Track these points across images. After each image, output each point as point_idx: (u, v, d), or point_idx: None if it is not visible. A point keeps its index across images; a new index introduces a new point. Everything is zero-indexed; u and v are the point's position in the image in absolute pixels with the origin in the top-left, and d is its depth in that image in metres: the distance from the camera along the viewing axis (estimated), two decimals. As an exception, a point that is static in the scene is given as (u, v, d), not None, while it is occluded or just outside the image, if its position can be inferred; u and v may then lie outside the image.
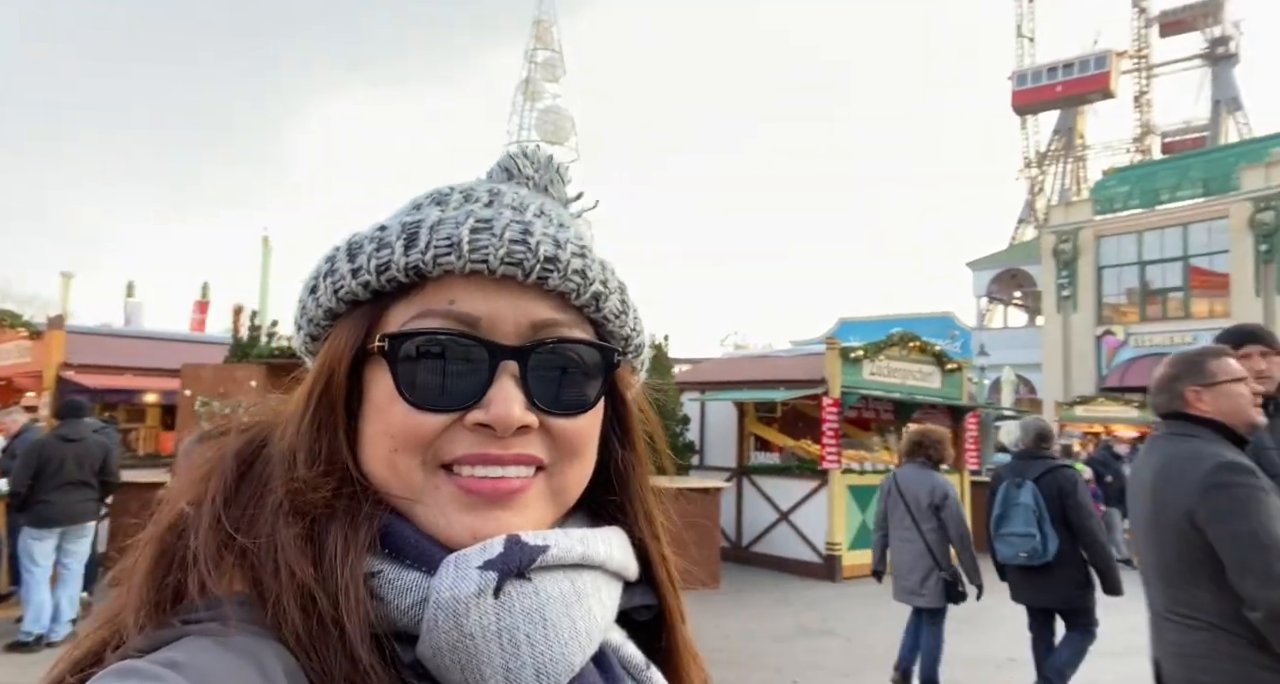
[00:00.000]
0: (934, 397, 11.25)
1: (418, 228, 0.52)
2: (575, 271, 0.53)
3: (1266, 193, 22.03)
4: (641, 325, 0.61)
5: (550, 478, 0.53)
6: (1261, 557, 2.10)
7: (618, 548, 0.55)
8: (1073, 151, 43.79)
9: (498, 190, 0.58)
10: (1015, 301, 37.72)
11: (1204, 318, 23.14)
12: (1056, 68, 41.16)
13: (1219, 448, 2.28)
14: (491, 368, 0.50)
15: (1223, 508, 2.19)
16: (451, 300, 0.51)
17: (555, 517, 0.55)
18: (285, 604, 0.44)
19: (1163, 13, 42.59)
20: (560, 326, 0.53)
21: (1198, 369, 2.37)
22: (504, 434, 0.50)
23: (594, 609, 0.50)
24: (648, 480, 0.62)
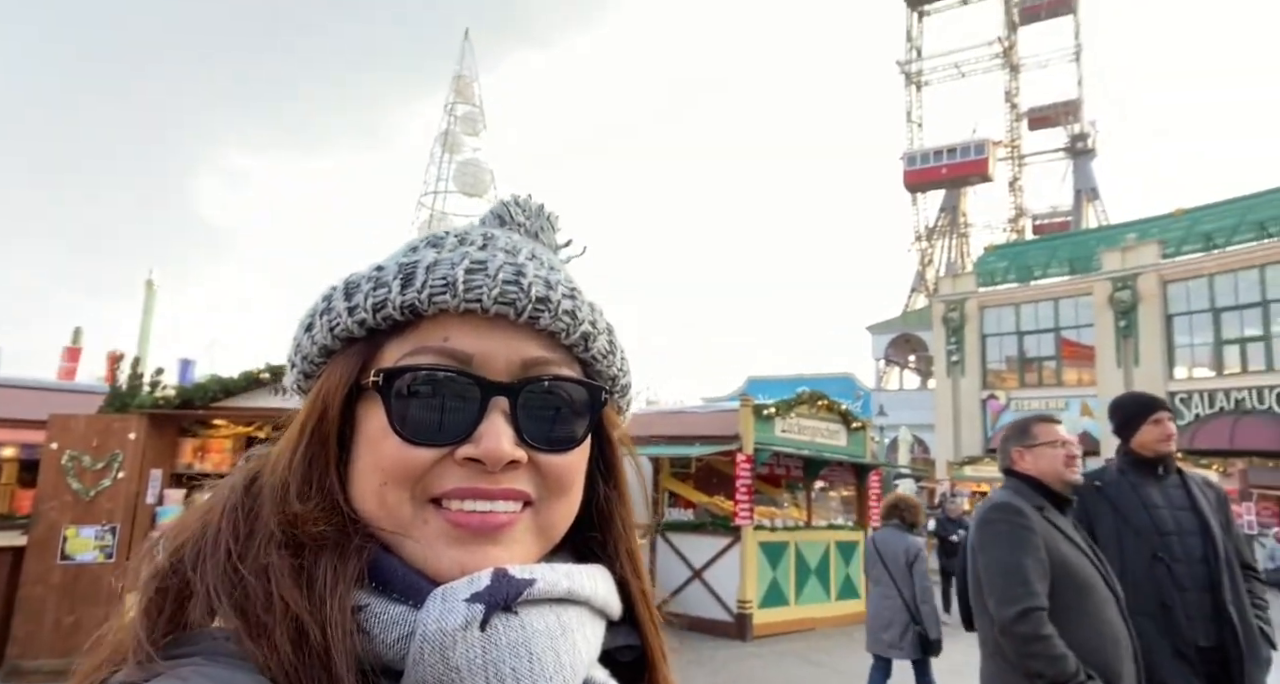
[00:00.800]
0: (840, 454, 11.61)
1: (414, 268, 0.53)
2: (566, 312, 0.55)
3: (1123, 274, 24.54)
4: (628, 366, 0.63)
5: (537, 514, 0.54)
6: (1003, 580, 2.37)
7: (602, 585, 0.56)
8: (957, 228, 47.63)
9: (492, 235, 0.60)
10: (910, 365, 39.95)
11: (1074, 386, 25.19)
12: (942, 152, 45.02)
13: (1015, 496, 2.55)
14: (483, 404, 0.51)
15: (985, 540, 2.50)
16: (445, 338, 0.52)
17: (541, 552, 0.55)
18: (274, 636, 0.44)
19: (1031, 109, 47.66)
20: (550, 365, 0.54)
21: (1024, 432, 2.65)
22: (494, 469, 0.50)
23: (579, 644, 0.50)
24: (631, 519, 0.62)
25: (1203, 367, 23.24)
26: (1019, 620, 2.30)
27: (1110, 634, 2.33)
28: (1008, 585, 2.36)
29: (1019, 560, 2.37)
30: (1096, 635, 2.32)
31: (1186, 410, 22.80)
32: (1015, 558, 2.38)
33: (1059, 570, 2.37)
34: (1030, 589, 2.33)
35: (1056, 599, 2.34)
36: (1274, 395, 21.09)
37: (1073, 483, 2.53)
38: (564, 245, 0.67)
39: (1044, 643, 2.26)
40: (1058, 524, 2.48)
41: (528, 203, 0.67)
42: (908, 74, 48.22)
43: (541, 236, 0.65)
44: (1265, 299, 21.82)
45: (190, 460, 7.21)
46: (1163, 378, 23.30)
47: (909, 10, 47.47)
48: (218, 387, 7.01)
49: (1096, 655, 2.28)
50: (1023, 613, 2.30)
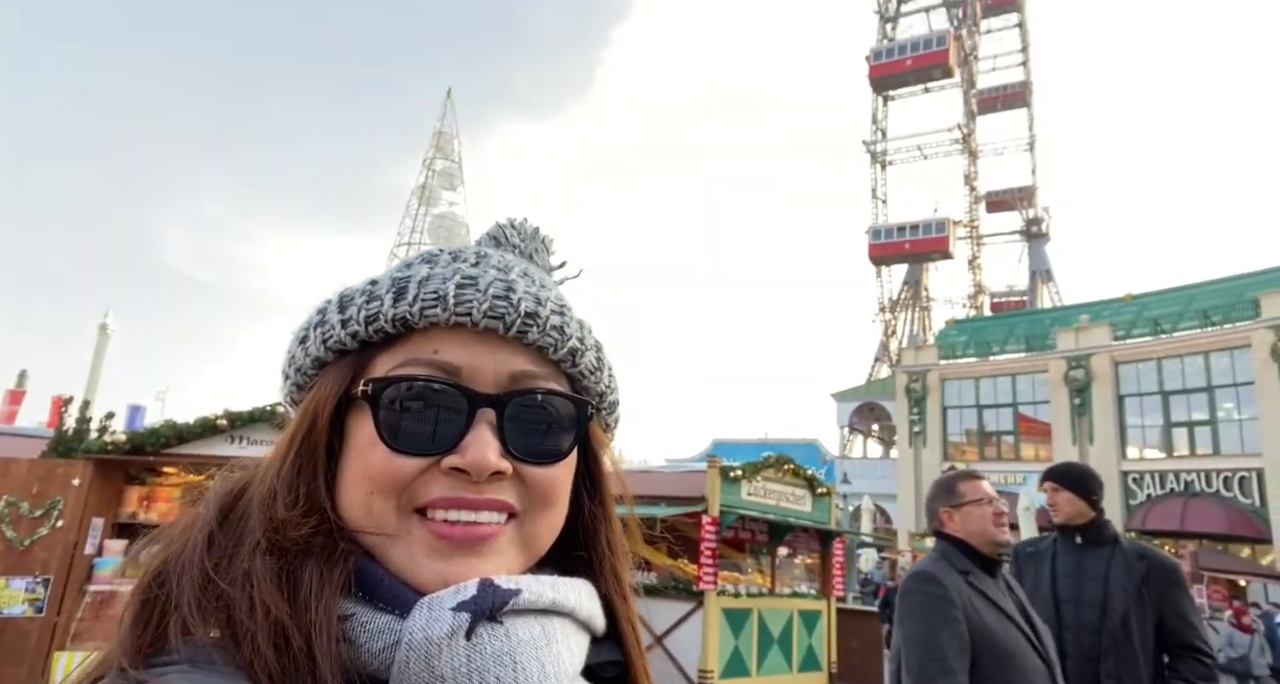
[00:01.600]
0: (805, 520, 11.55)
1: (407, 282, 0.55)
2: (554, 327, 0.56)
3: (1076, 353, 25.39)
4: (616, 384, 0.64)
5: (521, 526, 0.54)
6: (918, 656, 2.29)
7: (587, 598, 0.56)
8: (920, 301, 49.00)
9: (484, 253, 0.62)
10: (873, 433, 40.29)
11: (1031, 461, 25.61)
12: (905, 227, 46.70)
13: (937, 563, 2.47)
14: (469, 415, 0.52)
15: (904, 613, 2.42)
16: (435, 350, 0.54)
17: (525, 566, 0.55)
18: (259, 641, 0.44)
19: (989, 193, 50.02)
20: (537, 378, 0.55)
21: (949, 491, 2.57)
22: (479, 479, 0.51)
23: (563, 655, 0.51)
24: (616, 537, 0.63)
25: (1153, 448, 23.87)
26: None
27: None
28: (924, 662, 2.28)
29: (934, 635, 2.28)
30: None
31: (1139, 490, 23.27)
32: (931, 632, 2.29)
33: (980, 641, 2.28)
34: (946, 666, 2.24)
35: (979, 671, 2.26)
36: (1221, 479, 21.68)
37: (1001, 543, 2.44)
38: (558, 267, 0.69)
39: None
40: (984, 590, 2.39)
41: (523, 225, 0.68)
42: (873, 153, 50.37)
43: (535, 258, 0.67)
44: (1210, 385, 22.68)
45: (135, 509, 6.88)
46: (1116, 457, 23.84)
47: (875, 95, 49.95)
48: (171, 432, 6.77)
49: None
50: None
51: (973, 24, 49.70)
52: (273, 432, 7.26)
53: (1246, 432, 21.47)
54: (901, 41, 48.18)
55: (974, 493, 2.51)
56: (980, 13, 50.12)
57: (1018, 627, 2.36)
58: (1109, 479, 22.76)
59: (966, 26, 49.17)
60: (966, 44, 48.75)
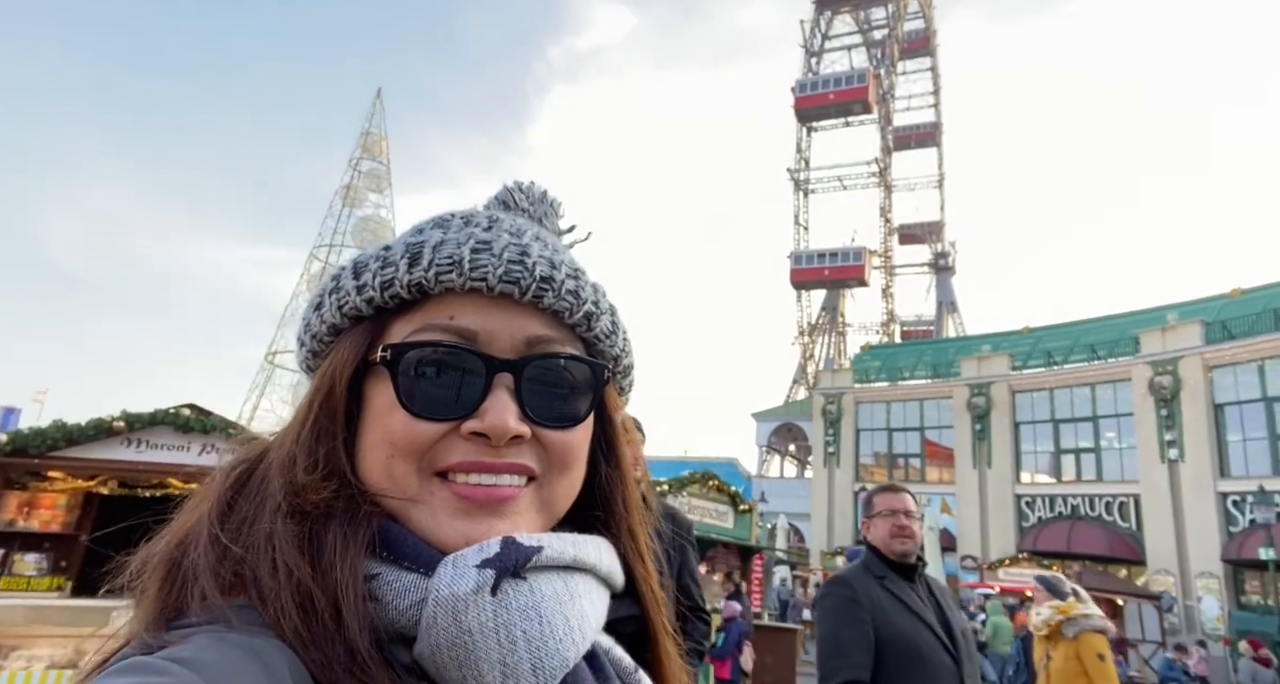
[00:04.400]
0: (728, 536, 11.65)
1: (421, 247, 0.54)
2: (569, 292, 0.56)
3: (978, 381, 26.84)
4: (630, 347, 0.63)
5: (540, 488, 0.55)
6: (825, 652, 2.48)
7: (606, 555, 0.57)
8: (836, 326, 50.88)
9: (497, 217, 0.60)
10: (790, 453, 41.26)
11: (935, 483, 26.81)
12: (825, 254, 48.50)
13: (857, 567, 2.66)
14: (487, 379, 0.52)
15: (818, 615, 2.62)
16: (451, 316, 0.54)
17: (545, 527, 0.55)
18: (283, 601, 0.45)
19: (901, 225, 52.68)
20: (553, 343, 0.55)
21: (868, 503, 2.78)
22: (498, 443, 0.51)
23: (586, 609, 0.52)
24: (632, 498, 0.63)
25: (1044, 473, 25.41)
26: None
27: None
28: (828, 657, 2.44)
29: (839, 633, 2.44)
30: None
31: (1030, 513, 24.69)
32: (836, 630, 2.45)
33: (886, 640, 2.41)
34: (848, 661, 2.38)
35: (885, 670, 2.38)
36: (1103, 504, 23.26)
37: (899, 552, 2.59)
38: (567, 231, 0.68)
39: None
40: (897, 593, 2.52)
41: (531, 189, 0.67)
42: (796, 181, 52.20)
43: (545, 222, 0.66)
44: (1095, 414, 24.39)
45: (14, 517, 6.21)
46: (1011, 481, 25.25)
47: (799, 125, 51.84)
48: (59, 434, 6.17)
49: None
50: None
51: (890, 65, 52.39)
52: (176, 435, 6.72)
53: (1126, 460, 23.15)
54: (825, 75, 50.27)
55: (882, 505, 2.69)
56: (898, 54, 52.94)
57: (929, 627, 2.49)
58: (1004, 503, 23.85)
59: (885, 66, 51.79)
60: (884, 83, 51.34)
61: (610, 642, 0.57)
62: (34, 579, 6.38)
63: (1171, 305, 24.85)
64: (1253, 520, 18.36)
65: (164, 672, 0.39)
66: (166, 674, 0.38)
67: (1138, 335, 23.50)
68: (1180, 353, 21.90)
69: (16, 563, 6.28)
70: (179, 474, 6.79)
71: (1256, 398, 20.34)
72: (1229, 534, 19.68)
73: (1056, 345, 26.98)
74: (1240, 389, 20.79)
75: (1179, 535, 20.71)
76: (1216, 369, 21.32)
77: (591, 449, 0.59)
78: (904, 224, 52.85)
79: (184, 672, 0.39)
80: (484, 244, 0.54)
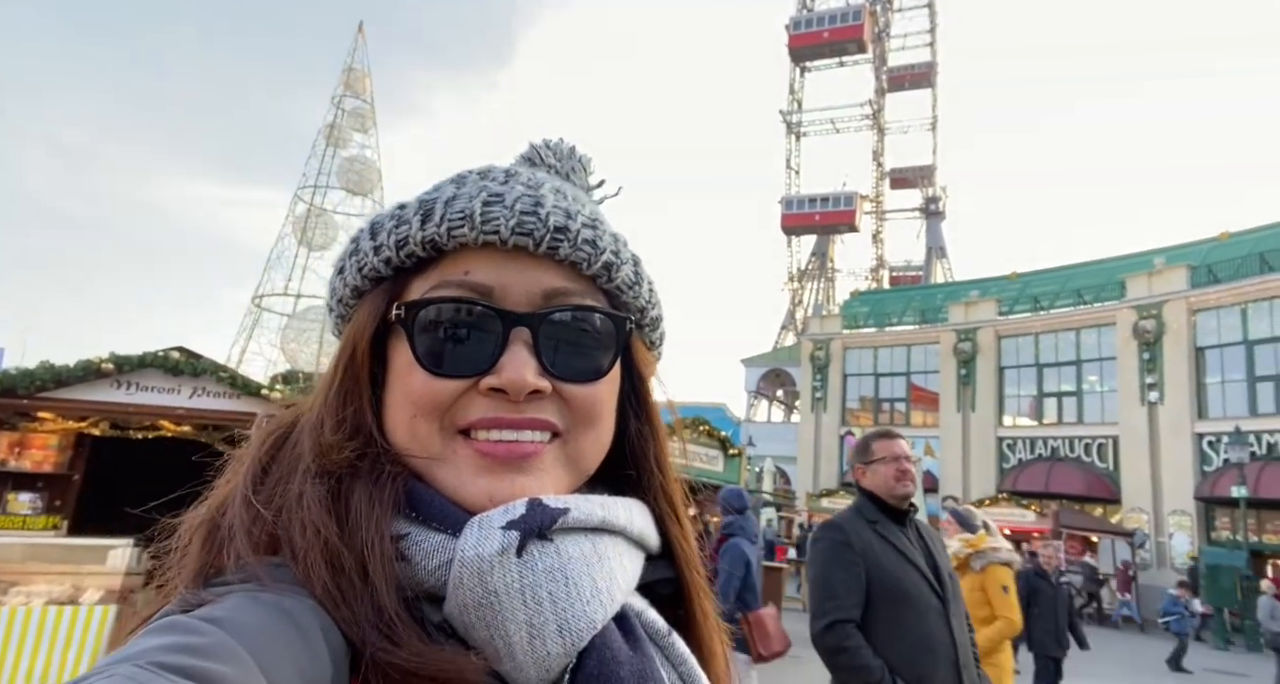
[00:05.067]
0: (718, 480, 11.85)
1: (433, 204, 0.54)
2: (586, 242, 0.54)
3: (966, 327, 27.03)
4: (657, 298, 0.61)
5: (566, 445, 0.54)
6: (818, 594, 2.55)
7: (639, 516, 0.56)
8: (826, 272, 50.82)
9: (514, 171, 0.59)
10: (778, 399, 41.76)
11: (919, 427, 27.25)
12: (816, 199, 48.05)
13: (850, 512, 2.72)
14: (504, 334, 0.52)
15: (810, 558, 2.70)
16: (466, 271, 0.53)
17: (573, 485, 0.55)
18: (312, 559, 0.45)
19: (893, 170, 52.10)
20: (571, 295, 0.54)
21: (864, 449, 2.80)
22: (517, 398, 0.51)
23: (615, 572, 0.51)
24: (665, 456, 0.62)
25: (1025, 416, 25.89)
26: (825, 632, 2.43)
27: (927, 644, 2.44)
28: (819, 599, 2.50)
29: (831, 574, 2.50)
30: (912, 645, 2.43)
31: (1011, 455, 25.25)
32: (828, 572, 2.52)
33: (877, 583, 2.48)
34: (839, 602, 2.45)
35: (875, 611, 2.46)
36: (1082, 445, 23.81)
37: (901, 496, 2.65)
38: (596, 186, 0.66)
39: (848, 654, 2.38)
40: (889, 537, 2.59)
41: (559, 145, 0.66)
42: (789, 123, 51.24)
43: (573, 178, 0.64)
44: (1079, 359, 24.71)
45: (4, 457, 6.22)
46: (994, 424, 25.73)
47: (793, 65, 50.59)
48: (48, 375, 6.12)
49: (911, 664, 2.40)
50: (829, 626, 2.43)
51: (886, 1, 50.87)
52: (166, 378, 6.69)
53: (1107, 403, 23.59)
54: (819, 13, 48.82)
55: (882, 451, 2.71)
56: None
57: (918, 570, 2.55)
58: (986, 446, 24.29)
59: (880, 3, 50.29)
60: (880, 21, 49.98)
61: (643, 604, 0.56)
62: (29, 518, 6.43)
63: (1159, 250, 24.90)
64: (1226, 460, 18.87)
65: (197, 631, 0.39)
66: (199, 633, 0.39)
67: (1124, 280, 23.63)
68: (1165, 297, 22.08)
69: (11, 502, 6.32)
70: (170, 416, 6.78)
71: (1237, 341, 20.64)
72: (1203, 474, 20.26)
73: (1043, 290, 27.11)
74: (1222, 332, 21.07)
75: (1154, 475, 21.30)
76: (1200, 313, 21.55)
77: (621, 404, 0.58)
78: (896, 168, 52.26)
79: (216, 631, 0.39)
80: (496, 197, 0.53)
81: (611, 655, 0.49)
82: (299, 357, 17.09)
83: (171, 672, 0.36)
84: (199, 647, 0.38)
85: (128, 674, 0.35)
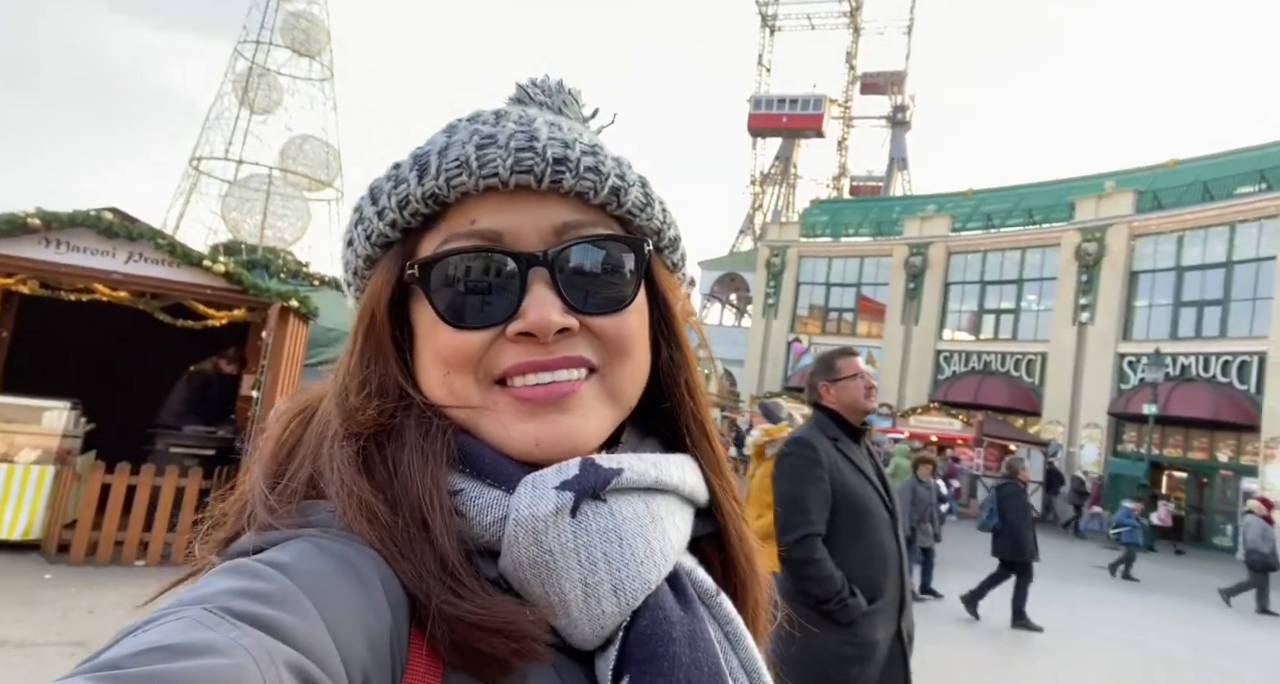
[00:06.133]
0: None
1: (427, 157, 0.53)
2: (588, 170, 0.53)
3: (919, 241, 27.42)
4: (672, 218, 0.60)
5: (604, 379, 0.53)
6: (785, 508, 2.63)
7: (690, 473, 0.56)
8: (788, 178, 50.29)
9: (504, 111, 0.57)
10: (730, 303, 42.25)
11: (864, 337, 28.10)
12: (785, 100, 46.85)
13: (811, 430, 2.77)
14: (522, 277, 0.51)
15: (778, 473, 2.74)
16: (472, 220, 0.52)
17: (616, 420, 0.55)
18: (354, 516, 0.46)
19: (864, 73, 50.81)
20: (583, 227, 0.53)
21: (829, 368, 2.85)
22: (545, 339, 0.50)
23: (668, 532, 0.51)
24: (696, 382, 0.60)
25: (964, 331, 26.89)
26: (796, 545, 2.53)
27: (879, 553, 2.60)
28: (789, 514, 2.58)
29: (801, 491, 2.58)
30: (866, 554, 2.59)
31: (947, 367, 26.39)
32: (799, 488, 2.59)
33: (841, 498, 2.60)
34: (809, 517, 2.55)
35: (836, 524, 2.58)
36: (1013, 361, 24.98)
37: (867, 411, 2.75)
38: (590, 117, 0.64)
39: (814, 566, 2.50)
40: (849, 455, 2.69)
41: (545, 81, 0.63)
42: (764, 16, 49.04)
43: (566, 111, 0.62)
44: (1022, 278, 25.49)
45: (-77, 313, 5.89)
46: (934, 337, 26.69)
47: (773, -46, 47.86)
48: (-33, 228, 5.73)
49: (864, 571, 2.55)
50: (800, 539, 2.53)
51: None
52: (100, 240, 6.34)
53: (1041, 321, 24.62)
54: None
55: (850, 369, 2.77)
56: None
57: (872, 485, 2.67)
58: (925, 357, 25.27)
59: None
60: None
61: (693, 563, 0.56)
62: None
63: (1110, 173, 25.31)
64: (1143, 379, 20.13)
65: (264, 576, 0.40)
66: (266, 579, 0.40)
67: (1074, 202, 24.10)
68: (1110, 221, 22.68)
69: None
70: (105, 281, 6.48)
71: (1169, 266, 21.53)
72: (1119, 391, 21.62)
73: (996, 208, 27.47)
74: (1157, 258, 21.91)
75: (1075, 391, 22.64)
76: (1140, 237, 22.27)
77: (652, 334, 0.57)
78: (868, 72, 50.97)
79: (281, 578, 0.40)
80: (489, 138, 0.52)
81: (664, 615, 0.49)
82: (241, 227, 16.30)
83: (238, 618, 0.37)
84: (265, 593, 0.39)
85: (197, 617, 0.36)
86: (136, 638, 0.35)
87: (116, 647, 0.35)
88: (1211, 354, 19.91)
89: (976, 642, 7.27)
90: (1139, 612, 9.70)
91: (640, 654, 0.47)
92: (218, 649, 0.34)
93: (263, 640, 0.36)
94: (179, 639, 0.34)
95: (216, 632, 0.35)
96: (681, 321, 0.61)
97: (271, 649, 0.36)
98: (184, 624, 0.36)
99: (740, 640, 0.55)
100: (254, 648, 0.35)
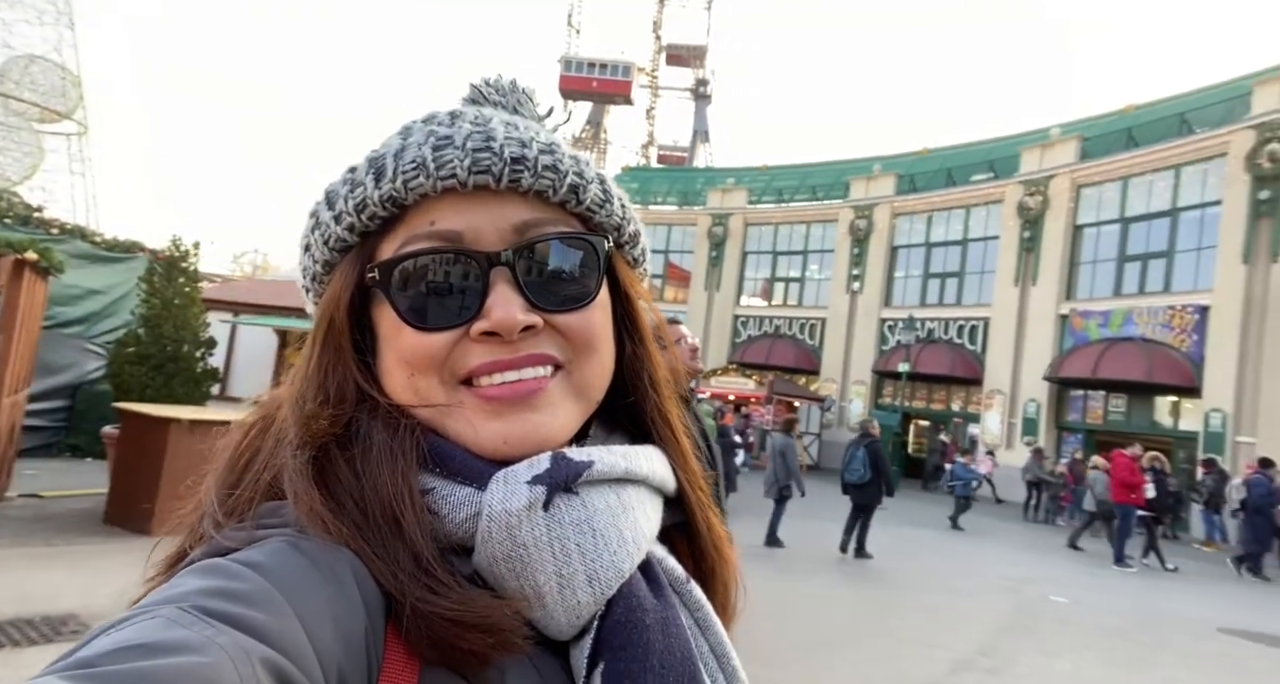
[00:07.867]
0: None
1: (383, 159, 0.53)
2: (546, 168, 0.53)
3: (720, 212, 29.19)
4: (632, 214, 0.61)
5: (570, 375, 0.54)
6: None
7: (658, 463, 0.57)
8: (599, 143, 50.65)
9: (459, 112, 0.58)
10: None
11: (671, 303, 29.54)
12: (595, 65, 46.90)
13: None
14: (484, 277, 0.51)
15: None
16: (432, 221, 0.52)
17: (584, 414, 0.55)
18: (309, 523, 0.45)
19: (669, 45, 52.16)
20: (543, 225, 0.53)
21: None
22: (510, 338, 0.51)
23: (640, 521, 0.52)
24: (660, 375, 0.61)
25: (758, 297, 29.28)
26: None
27: None
28: None
29: None
30: None
31: (743, 331, 28.63)
32: None
33: None
34: None
35: None
36: (798, 325, 27.68)
37: (695, 372, 3.08)
38: (546, 116, 0.65)
39: None
40: None
41: (499, 81, 0.64)
42: (573, -25, 48.36)
43: (521, 110, 0.62)
44: (806, 249, 28.17)
45: None
46: (733, 303, 28.79)
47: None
48: None
49: None
50: None
51: None
52: None
53: (822, 289, 27.48)
54: None
55: (675, 335, 3.09)
56: None
57: (695, 446, 3.06)
58: (724, 322, 27.11)
59: None
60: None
61: (664, 551, 0.57)
62: None
63: (877, 157, 28.50)
64: (899, 341, 23.30)
65: (238, 576, 0.40)
66: (240, 579, 0.40)
67: (848, 181, 26.92)
68: (876, 200, 25.71)
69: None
70: None
71: (920, 242, 24.93)
72: (880, 352, 24.88)
73: (787, 184, 29.87)
74: (911, 234, 25.24)
75: (846, 352, 25.68)
76: (900, 216, 25.52)
77: (616, 329, 0.58)
78: (671, 44, 52.37)
79: (255, 577, 0.40)
80: (445, 140, 0.52)
81: (638, 603, 0.50)
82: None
83: (212, 616, 0.37)
84: (239, 593, 0.39)
85: (171, 616, 0.36)
86: (110, 636, 0.35)
87: (89, 646, 0.34)
88: (949, 319, 23.51)
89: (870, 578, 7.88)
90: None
91: (615, 641, 0.48)
92: (193, 647, 0.34)
93: (238, 639, 0.36)
94: (153, 638, 0.34)
95: (191, 630, 0.35)
96: (642, 315, 0.61)
97: (247, 647, 0.36)
98: (158, 623, 0.36)
99: (710, 626, 0.56)
100: (230, 646, 0.35)
